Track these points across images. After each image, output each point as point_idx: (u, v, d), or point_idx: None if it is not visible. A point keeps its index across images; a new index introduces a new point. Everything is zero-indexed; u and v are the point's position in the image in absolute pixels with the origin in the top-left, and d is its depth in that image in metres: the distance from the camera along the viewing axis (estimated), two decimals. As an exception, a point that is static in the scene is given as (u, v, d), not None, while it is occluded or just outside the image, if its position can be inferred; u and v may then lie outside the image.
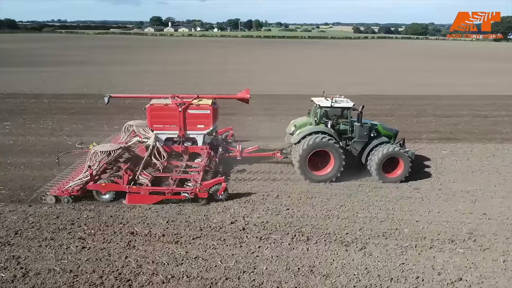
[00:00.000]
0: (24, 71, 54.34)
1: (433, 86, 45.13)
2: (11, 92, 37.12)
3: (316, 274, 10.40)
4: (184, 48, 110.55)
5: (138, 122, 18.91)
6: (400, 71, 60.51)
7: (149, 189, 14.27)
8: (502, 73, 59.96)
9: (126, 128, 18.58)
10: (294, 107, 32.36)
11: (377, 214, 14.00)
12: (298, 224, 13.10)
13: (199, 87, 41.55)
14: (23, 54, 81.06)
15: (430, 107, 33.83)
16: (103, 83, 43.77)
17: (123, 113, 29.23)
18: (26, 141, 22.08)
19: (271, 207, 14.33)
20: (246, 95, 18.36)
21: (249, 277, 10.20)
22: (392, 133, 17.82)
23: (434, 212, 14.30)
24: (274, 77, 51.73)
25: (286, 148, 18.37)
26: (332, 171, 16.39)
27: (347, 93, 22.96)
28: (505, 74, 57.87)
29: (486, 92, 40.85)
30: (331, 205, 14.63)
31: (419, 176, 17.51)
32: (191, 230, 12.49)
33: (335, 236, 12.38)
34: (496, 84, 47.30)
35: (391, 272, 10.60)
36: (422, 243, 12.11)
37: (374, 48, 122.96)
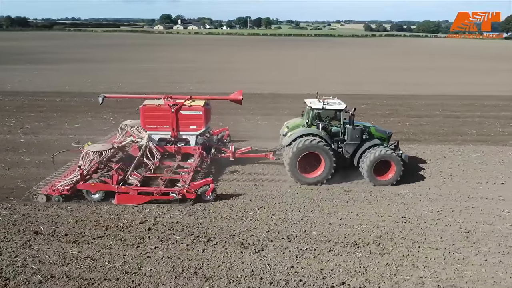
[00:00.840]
0: (17, 68, 55.15)
1: (418, 86, 44.55)
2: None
3: (198, 276, 10.42)
4: (183, 46, 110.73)
5: (133, 122, 19.04)
6: (389, 70, 59.64)
7: (137, 189, 14.44)
8: (497, 72, 58.78)
9: (121, 128, 18.84)
10: (268, 106, 32.52)
11: (292, 216, 13.95)
12: (207, 225, 13.13)
13: (183, 85, 41.86)
14: (24, 52, 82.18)
15: (404, 107, 33.44)
16: (88, 81, 44.25)
17: (91, 111, 29.52)
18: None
19: (190, 208, 14.35)
20: (238, 96, 18.38)
21: (129, 278, 10.26)
22: (386, 135, 17.74)
23: (353, 215, 14.19)
24: (260, 75, 51.61)
25: (279, 149, 18.39)
26: (323, 173, 16.42)
27: (329, 92, 23.01)
28: (501, 74, 56.70)
29: (470, 92, 40.12)
30: (251, 206, 14.62)
31: (355, 178, 17.37)
32: (96, 230, 12.61)
33: (238, 238, 12.38)
34: (485, 84, 46.39)
35: (276, 275, 10.57)
36: (323, 246, 12.04)
37: (375, 47, 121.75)
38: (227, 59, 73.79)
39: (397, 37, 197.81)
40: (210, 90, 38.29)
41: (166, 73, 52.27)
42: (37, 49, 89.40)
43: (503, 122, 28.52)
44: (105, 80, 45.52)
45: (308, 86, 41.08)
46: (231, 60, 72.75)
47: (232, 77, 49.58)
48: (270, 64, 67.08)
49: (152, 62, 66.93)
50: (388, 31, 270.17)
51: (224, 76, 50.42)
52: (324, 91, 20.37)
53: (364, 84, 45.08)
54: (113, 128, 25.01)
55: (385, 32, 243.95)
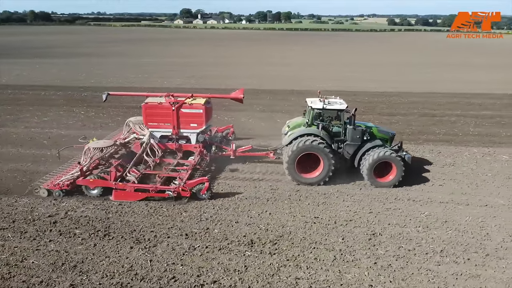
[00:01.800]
0: (22, 62, 56.89)
1: (409, 83, 43.49)
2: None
3: (76, 270, 10.67)
4: (191, 41, 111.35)
5: (137, 119, 19.24)
6: (384, 66, 58.30)
7: (134, 186, 14.72)
8: (498, 69, 56.65)
9: (126, 124, 19.23)
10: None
11: (203, 213, 14.04)
12: (113, 220, 13.38)
13: (172, 80, 42.30)
14: (35, 46, 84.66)
15: (384, 104, 32.89)
16: (82, 75, 45.23)
17: (66, 105, 30.32)
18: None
19: (107, 203, 14.59)
20: (239, 95, 18.45)
21: (8, 269, 10.60)
22: (388, 136, 17.33)
23: (265, 214, 14.18)
24: (253, 70, 51.49)
25: (280, 149, 18.38)
26: (321, 174, 16.31)
27: (314, 88, 22.95)
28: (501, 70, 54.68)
29: (461, 90, 38.86)
30: (178, 203, 14.71)
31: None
32: (3, 222, 13.04)
33: (137, 234, 12.58)
34: (480, 81, 44.81)
35: (152, 271, 10.72)
36: (216, 245, 12.11)
37: (385, 42, 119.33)
38: (229, 54, 73.87)
39: (417, 32, 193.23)
40: (198, 86, 39.01)
41: (162, 68, 52.94)
42: (50, 43, 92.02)
43: (478, 122, 27.70)
44: (100, 74, 46.52)
45: (293, 82, 41.08)
46: (232, 55, 72.73)
47: (226, 72, 49.64)
48: (268, 59, 66.70)
49: (154, 57, 67.81)
50: (412, 25, 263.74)
51: (218, 71, 50.59)
52: (310, 88, 19.92)
53: (352, 80, 44.41)
54: (80, 122, 25.72)
55: (405, 27, 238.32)
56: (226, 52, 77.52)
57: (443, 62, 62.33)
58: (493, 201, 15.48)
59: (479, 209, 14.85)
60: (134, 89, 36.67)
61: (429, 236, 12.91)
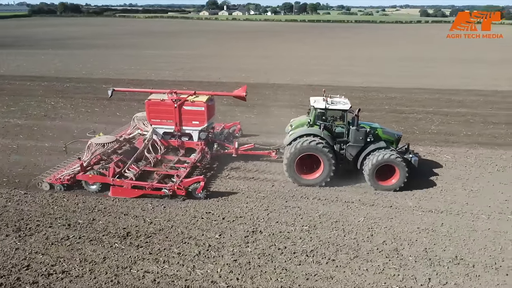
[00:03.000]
0: (28, 53, 58.82)
1: (398, 77, 42.33)
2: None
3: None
4: (203, 33, 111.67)
5: (143, 114, 19.24)
6: (380, 60, 56.54)
7: (131, 183, 14.84)
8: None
9: (133, 120, 19.53)
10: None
11: (100, 205, 14.36)
12: (11, 209, 13.85)
13: (160, 73, 42.77)
14: (54, 38, 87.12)
15: (358, 100, 32.00)
16: (79, 66, 46.52)
17: (42, 96, 31.40)
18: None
19: (14, 193, 15.12)
20: (242, 93, 18.20)
21: None
22: (394, 138, 16.82)
23: (160, 208, 14.36)
24: (243, 63, 51.35)
25: (282, 148, 18.04)
26: (322, 175, 15.93)
27: (300, 82, 22.51)
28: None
29: (449, 86, 37.35)
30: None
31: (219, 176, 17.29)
32: None
33: (22, 222, 13.04)
34: (483, 77, 42.92)
35: (5, 257, 11.23)
36: (89, 236, 12.45)
37: (401, 35, 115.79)
38: (230, 47, 73.57)
39: (446, 24, 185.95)
40: (182, 78, 39.71)
41: (156, 60, 53.36)
42: (69, 35, 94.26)
43: (446, 120, 26.82)
44: (95, 66, 47.51)
45: (270, 75, 40.84)
46: (232, 47, 72.40)
47: (217, 64, 49.81)
48: (263, 52, 66.22)
49: (160, 49, 68.27)
50: (445, 16, 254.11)
51: (211, 63, 50.73)
52: (294, 81, 19.47)
53: (339, 74, 43.56)
54: (42, 113, 26.63)
55: (437, 18, 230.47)
56: (227, 45, 77.26)
57: (449, 57, 60.11)
58: (400, 203, 15.11)
59: (381, 210, 14.57)
60: (118, 80, 37.59)
61: (309, 235, 12.80)
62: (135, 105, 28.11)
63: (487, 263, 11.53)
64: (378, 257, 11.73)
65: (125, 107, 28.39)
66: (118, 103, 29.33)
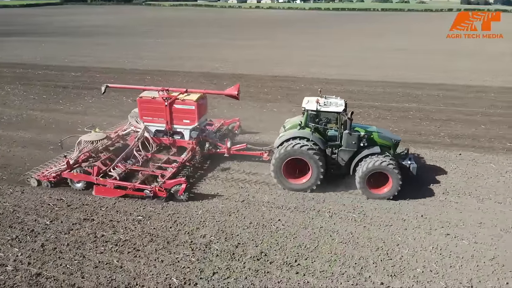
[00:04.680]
0: (34, 40, 61.11)
1: (377, 69, 41.03)
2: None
3: None
4: (218, 22, 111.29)
5: (136, 112, 19.18)
6: (373, 51, 54.72)
7: (114, 183, 14.81)
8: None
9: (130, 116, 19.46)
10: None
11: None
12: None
13: (147, 62, 43.66)
14: (71, 26, 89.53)
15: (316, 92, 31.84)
16: (70, 54, 48.14)
17: (11, 83, 32.93)
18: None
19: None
20: (233, 92, 17.85)
21: None
22: (391, 143, 15.86)
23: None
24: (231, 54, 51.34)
25: (273, 149, 17.05)
26: (310, 180, 15.33)
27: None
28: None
29: (430, 80, 35.72)
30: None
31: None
32: None
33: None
34: (473, 72, 40.97)
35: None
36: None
37: (418, 24, 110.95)
38: (230, 37, 73.27)
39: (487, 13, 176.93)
40: (163, 67, 40.19)
41: (153, 49, 53.98)
42: (87, 23, 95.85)
43: (382, 115, 26.23)
44: (83, 54, 48.81)
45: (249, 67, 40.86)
46: (232, 37, 72.19)
47: (206, 54, 49.85)
48: (258, 41, 65.65)
49: (164, 37, 68.61)
50: (489, 4, 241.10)
51: (202, 53, 50.84)
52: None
53: (319, 66, 42.90)
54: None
55: (480, 6, 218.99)
56: (229, 35, 76.90)
57: (449, 49, 57.39)
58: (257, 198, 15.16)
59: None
60: (94, 68, 38.91)
61: (144, 229, 13.14)
62: (85, 93, 29.32)
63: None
64: (162, 256, 11.98)
65: (73, 95, 29.47)
66: (73, 91, 30.42)
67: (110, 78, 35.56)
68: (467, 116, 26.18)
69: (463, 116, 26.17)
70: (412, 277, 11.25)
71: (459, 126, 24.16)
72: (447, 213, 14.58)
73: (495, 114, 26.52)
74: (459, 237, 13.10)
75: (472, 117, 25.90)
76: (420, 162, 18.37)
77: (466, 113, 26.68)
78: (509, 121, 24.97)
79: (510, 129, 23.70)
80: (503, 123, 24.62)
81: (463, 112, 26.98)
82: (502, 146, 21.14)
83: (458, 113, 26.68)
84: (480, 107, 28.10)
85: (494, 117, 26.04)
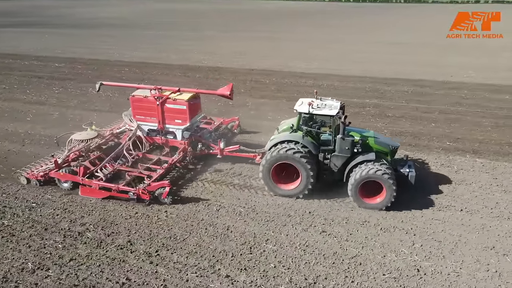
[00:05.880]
0: (39, 31, 63.17)
1: (355, 64, 40.22)
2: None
3: None
4: (228, 14, 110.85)
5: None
6: (367, 45, 53.43)
7: (98, 184, 14.71)
8: None
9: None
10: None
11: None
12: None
13: (136, 54, 44.57)
14: (82, 17, 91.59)
15: (275, 86, 31.95)
16: (63, 46, 49.68)
17: None
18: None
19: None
20: (225, 92, 17.16)
21: None
22: (388, 149, 14.94)
23: None
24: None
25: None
26: (299, 186, 14.71)
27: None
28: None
29: (412, 75, 34.85)
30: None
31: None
32: None
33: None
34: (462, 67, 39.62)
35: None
36: None
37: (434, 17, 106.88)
38: (232, 29, 73.26)
39: (508, 4, 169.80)
40: (145, 59, 40.82)
41: (151, 41, 54.36)
42: (104, 15, 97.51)
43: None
44: (71, 44, 50.09)
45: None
46: (232, 29, 72.12)
47: (199, 47, 50.24)
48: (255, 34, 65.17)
49: (163, 29, 69.41)
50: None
51: (193, 46, 51.35)
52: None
53: (300, 59, 42.54)
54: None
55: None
56: (230, 27, 76.89)
57: (450, 43, 55.39)
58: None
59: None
60: (81, 60, 40.15)
61: (31, 216, 13.86)
62: (55, 84, 30.39)
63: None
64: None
65: (43, 85, 30.63)
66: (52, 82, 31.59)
67: (89, 69, 36.74)
68: (424, 113, 25.60)
69: (419, 113, 25.61)
70: (261, 272, 11.44)
71: (408, 124, 23.70)
72: (337, 211, 14.54)
73: (454, 112, 25.80)
74: (333, 235, 13.11)
75: (427, 115, 25.30)
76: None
77: (423, 110, 26.10)
78: (463, 119, 24.31)
79: (459, 127, 23.10)
80: (456, 121, 23.99)
81: (422, 109, 26.38)
82: (439, 145, 20.68)
83: (415, 110, 26.12)
84: (443, 104, 27.37)
85: (453, 115, 25.36)
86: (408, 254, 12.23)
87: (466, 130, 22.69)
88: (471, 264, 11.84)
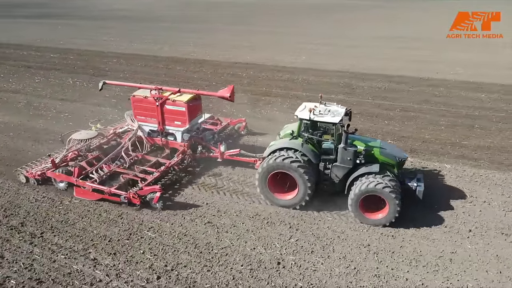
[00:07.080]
0: (53, 23, 65.79)
1: (341, 59, 39.75)
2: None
3: None
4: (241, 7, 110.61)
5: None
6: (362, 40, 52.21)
7: (92, 186, 14.59)
8: None
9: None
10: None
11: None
12: None
13: (128, 46, 45.80)
14: (101, 9, 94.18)
15: (249, 79, 32.18)
16: (67, 36, 51.67)
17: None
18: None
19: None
20: (225, 94, 16.69)
21: None
22: (395, 161, 13.91)
23: None
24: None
25: None
26: (297, 196, 13.92)
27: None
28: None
29: (393, 71, 34.41)
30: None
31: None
32: None
33: None
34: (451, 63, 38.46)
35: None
36: None
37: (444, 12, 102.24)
38: (239, 21, 73.40)
39: None
40: (131, 51, 41.94)
41: (155, 33, 55.60)
42: (120, 7, 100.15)
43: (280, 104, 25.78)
44: (89, 37, 51.52)
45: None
46: (232, 22, 72.22)
47: (196, 40, 50.97)
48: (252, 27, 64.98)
49: (173, 22, 70.40)
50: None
51: (189, 38, 52.11)
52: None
53: (281, 53, 42.42)
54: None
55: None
56: (237, 20, 76.98)
57: (448, 39, 53.44)
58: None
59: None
60: (76, 51, 41.73)
61: None
62: (40, 73, 31.89)
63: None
64: None
65: (28, 75, 32.16)
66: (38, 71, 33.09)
67: (79, 60, 38.16)
68: (384, 110, 25.22)
69: (379, 110, 25.25)
70: (128, 257, 12.00)
71: (360, 120, 23.39)
72: (235, 203, 14.82)
73: (416, 110, 25.26)
74: (217, 226, 13.46)
75: (387, 112, 24.93)
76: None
77: (385, 107, 25.71)
78: (421, 117, 23.80)
79: (410, 126, 22.70)
80: (412, 119, 23.54)
81: (384, 106, 25.98)
82: (380, 142, 20.37)
83: (377, 107, 25.76)
84: (409, 101, 26.80)
85: (413, 112, 24.86)
86: (278, 248, 12.42)
87: (416, 129, 22.26)
88: (335, 260, 11.90)
